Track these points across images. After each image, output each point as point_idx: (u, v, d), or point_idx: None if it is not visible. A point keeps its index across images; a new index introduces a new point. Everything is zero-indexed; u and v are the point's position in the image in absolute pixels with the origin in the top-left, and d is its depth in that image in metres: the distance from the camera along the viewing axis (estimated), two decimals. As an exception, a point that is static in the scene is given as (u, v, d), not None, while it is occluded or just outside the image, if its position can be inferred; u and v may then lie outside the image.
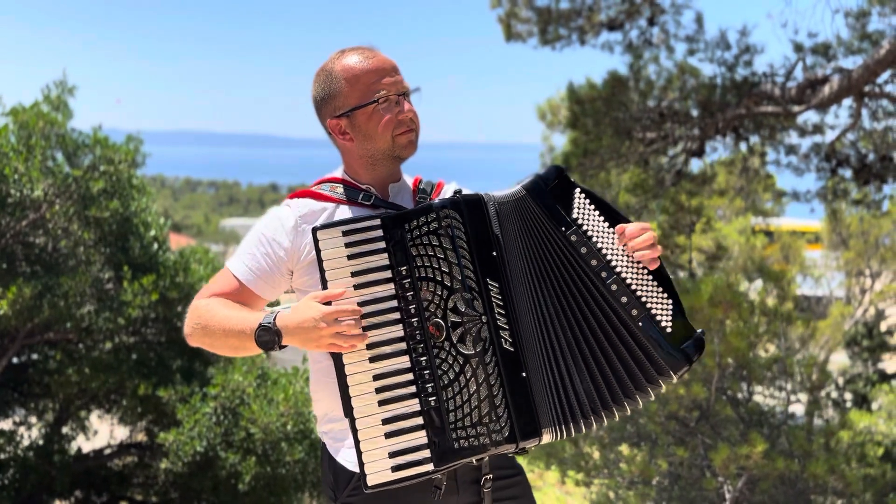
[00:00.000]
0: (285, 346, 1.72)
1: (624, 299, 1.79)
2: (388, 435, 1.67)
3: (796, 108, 6.36)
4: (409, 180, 1.99)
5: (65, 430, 6.17)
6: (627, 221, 1.83)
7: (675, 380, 1.82)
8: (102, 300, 5.46)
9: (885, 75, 6.22)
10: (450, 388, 1.70)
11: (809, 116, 7.48)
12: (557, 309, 1.79)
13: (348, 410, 1.68)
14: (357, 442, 1.67)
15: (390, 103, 1.83)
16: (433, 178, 2.03)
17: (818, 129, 7.64)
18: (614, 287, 1.79)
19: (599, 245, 1.81)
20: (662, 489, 5.14)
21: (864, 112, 6.91)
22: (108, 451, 6.49)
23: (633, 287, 1.80)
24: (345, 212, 1.87)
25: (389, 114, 1.83)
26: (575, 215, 1.82)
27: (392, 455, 1.67)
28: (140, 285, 5.33)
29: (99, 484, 6.11)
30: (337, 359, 1.70)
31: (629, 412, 1.82)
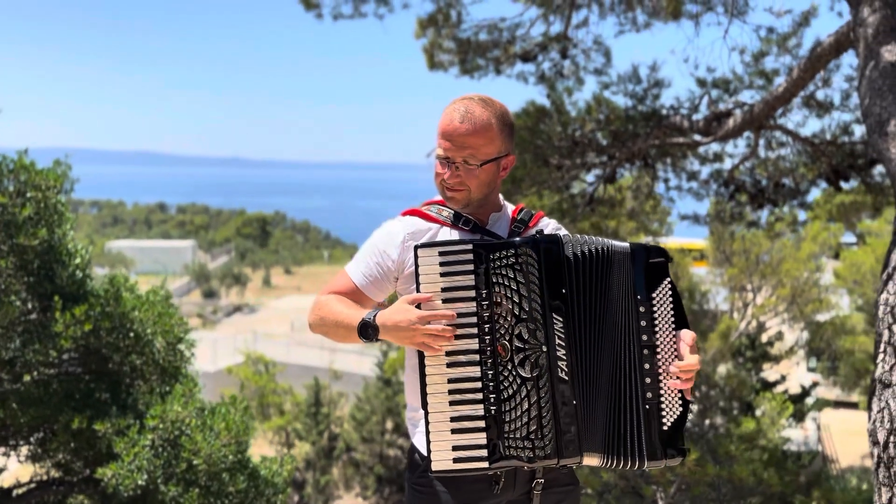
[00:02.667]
0: (380, 340, 1.99)
1: (648, 380, 1.98)
2: (454, 431, 1.92)
3: (703, 140, 6.87)
4: (510, 208, 2.23)
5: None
6: (688, 327, 2.04)
7: (645, 467, 2.01)
8: (30, 332, 5.25)
9: (780, 109, 6.84)
10: (507, 402, 1.92)
11: (710, 146, 8.07)
12: (606, 357, 1.98)
13: (424, 404, 1.93)
14: (428, 432, 1.92)
15: (446, 162, 2.08)
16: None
17: (718, 157, 8.27)
18: (646, 366, 1.98)
19: (656, 331, 2.00)
20: (601, 500, 5.43)
21: (761, 142, 7.54)
22: (25, 490, 6.17)
23: (660, 379, 1.99)
24: (447, 234, 2.13)
25: (440, 170, 2.10)
26: (653, 295, 2.01)
27: (455, 448, 1.91)
28: (72, 315, 5.16)
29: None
30: (420, 360, 1.95)
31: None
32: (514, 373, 1.92)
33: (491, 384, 1.92)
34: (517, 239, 1.99)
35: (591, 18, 7.77)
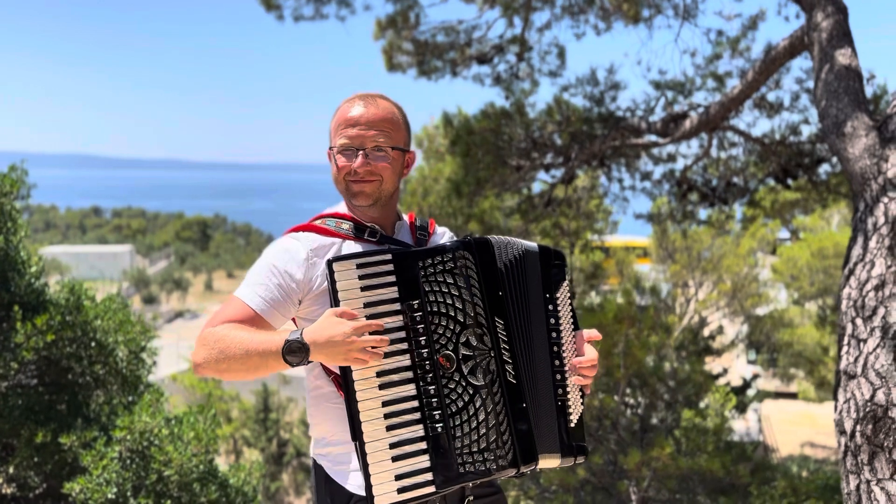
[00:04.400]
0: (310, 362, 1.75)
1: (558, 377, 1.99)
2: (395, 458, 1.75)
3: (661, 141, 7.03)
4: (406, 217, 2.12)
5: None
6: (579, 327, 2.06)
7: (557, 464, 1.98)
8: (-14, 344, 5.04)
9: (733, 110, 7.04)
10: (458, 416, 1.80)
11: (664, 146, 8.26)
12: (538, 356, 1.97)
13: (357, 434, 1.74)
14: (365, 465, 1.73)
15: (352, 152, 1.93)
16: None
17: (671, 157, 8.46)
18: (557, 362, 1.99)
19: (561, 329, 2.01)
20: (576, 497, 5.51)
21: (713, 142, 7.75)
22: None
23: (567, 376, 2.00)
24: (351, 247, 1.95)
25: (345, 162, 1.94)
26: (557, 295, 2.03)
27: (398, 477, 1.74)
28: (33, 325, 4.98)
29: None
30: (348, 385, 1.76)
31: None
32: (465, 382, 1.81)
33: (433, 400, 1.79)
34: (448, 243, 1.91)
35: (551, 22, 7.87)
